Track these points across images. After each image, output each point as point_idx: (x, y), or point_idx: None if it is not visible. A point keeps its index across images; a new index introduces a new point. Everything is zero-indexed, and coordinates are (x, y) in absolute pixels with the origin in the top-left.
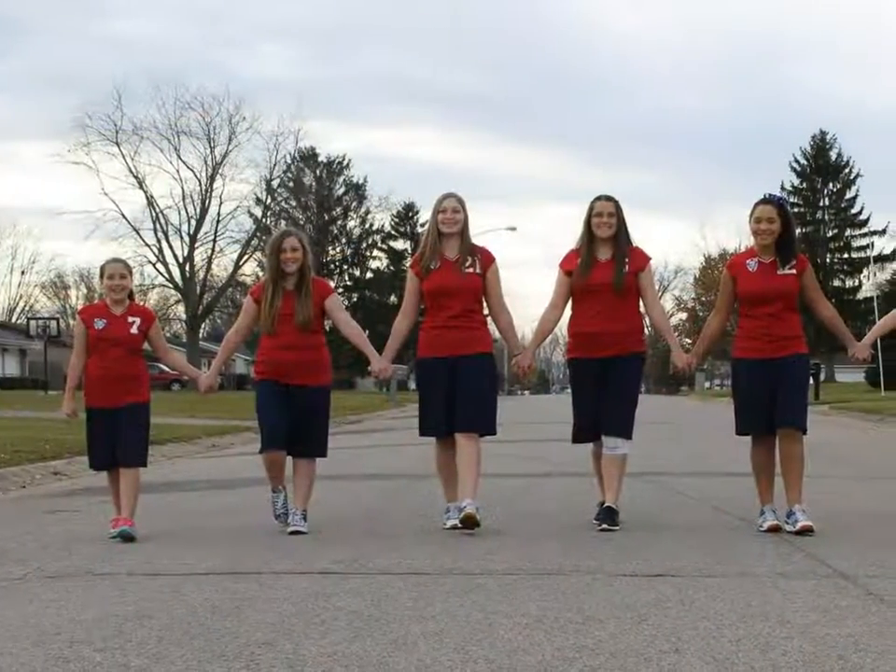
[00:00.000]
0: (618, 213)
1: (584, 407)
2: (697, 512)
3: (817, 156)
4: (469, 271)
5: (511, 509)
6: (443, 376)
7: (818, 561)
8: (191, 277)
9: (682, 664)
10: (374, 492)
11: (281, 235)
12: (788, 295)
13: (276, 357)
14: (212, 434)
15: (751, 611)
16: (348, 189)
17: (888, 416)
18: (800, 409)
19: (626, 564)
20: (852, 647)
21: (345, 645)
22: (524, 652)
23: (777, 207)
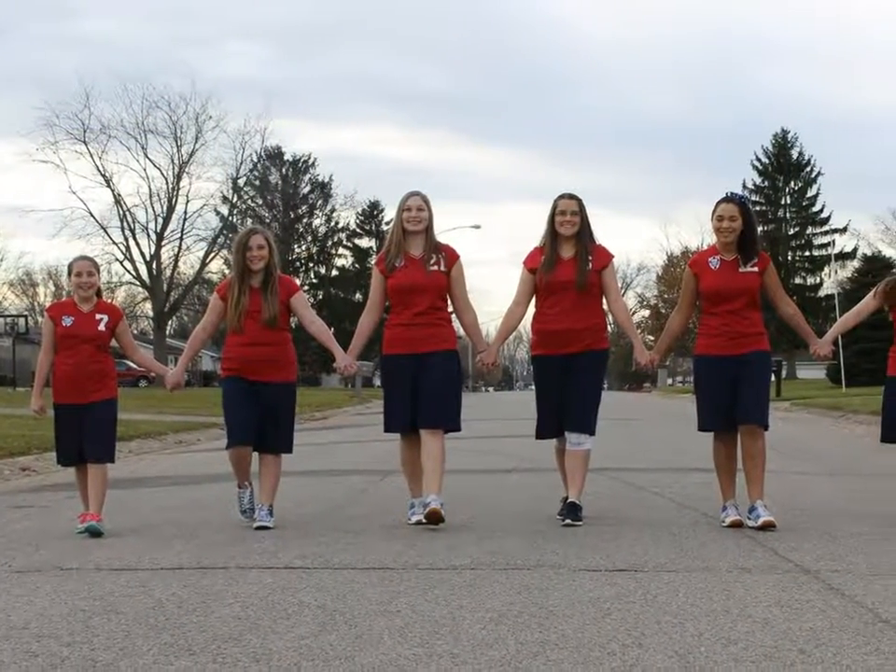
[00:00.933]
0: (581, 211)
1: (548, 403)
2: (660, 508)
3: (778, 154)
4: (434, 268)
5: (475, 504)
6: (408, 373)
7: (779, 556)
8: (158, 275)
9: (645, 657)
10: (339, 488)
11: (247, 233)
12: (749, 292)
13: (242, 354)
14: (179, 430)
15: (713, 606)
16: (314, 188)
17: (849, 413)
18: (761, 405)
19: (589, 559)
20: (813, 641)
21: (311, 639)
22: (488, 647)
23: (738, 205)
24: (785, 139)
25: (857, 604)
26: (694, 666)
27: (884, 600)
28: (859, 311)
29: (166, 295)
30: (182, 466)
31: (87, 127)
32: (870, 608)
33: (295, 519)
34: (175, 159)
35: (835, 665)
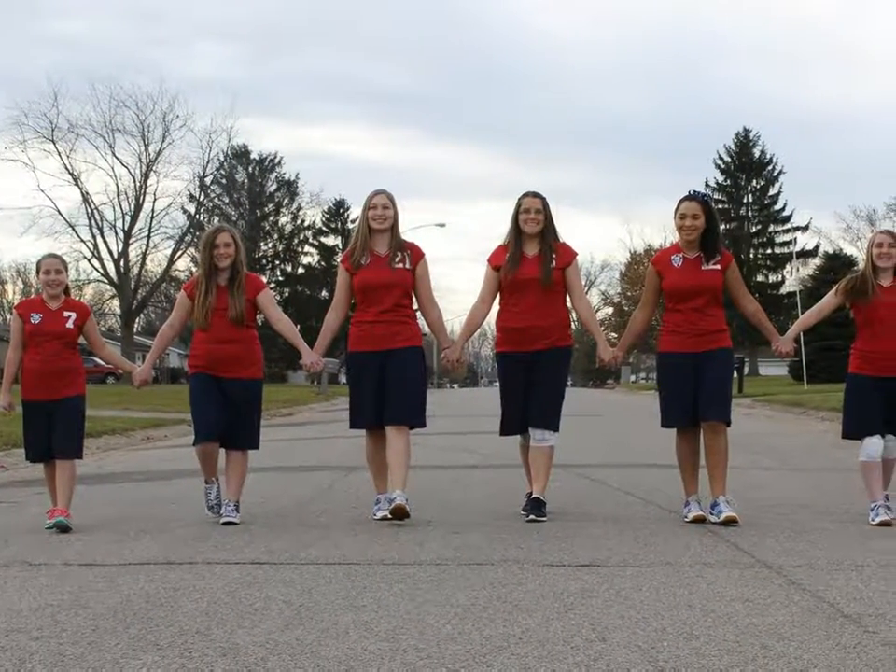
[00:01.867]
0: (545, 209)
1: (512, 400)
2: (623, 503)
3: (741, 153)
4: (399, 266)
5: (440, 500)
6: (374, 370)
7: (741, 551)
8: (126, 273)
9: (608, 652)
10: (305, 483)
11: (214, 231)
12: (712, 290)
13: (209, 351)
14: (146, 426)
15: (676, 601)
16: (280, 186)
17: (810, 409)
18: (724, 402)
19: (553, 554)
20: (775, 635)
21: (277, 633)
22: (452, 641)
23: (701, 204)
24: (747, 138)
25: (819, 599)
26: (657, 661)
27: (845, 595)
28: (820, 308)
29: (134, 293)
30: (150, 462)
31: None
32: (832, 602)
33: (261, 514)
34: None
35: (797, 659)
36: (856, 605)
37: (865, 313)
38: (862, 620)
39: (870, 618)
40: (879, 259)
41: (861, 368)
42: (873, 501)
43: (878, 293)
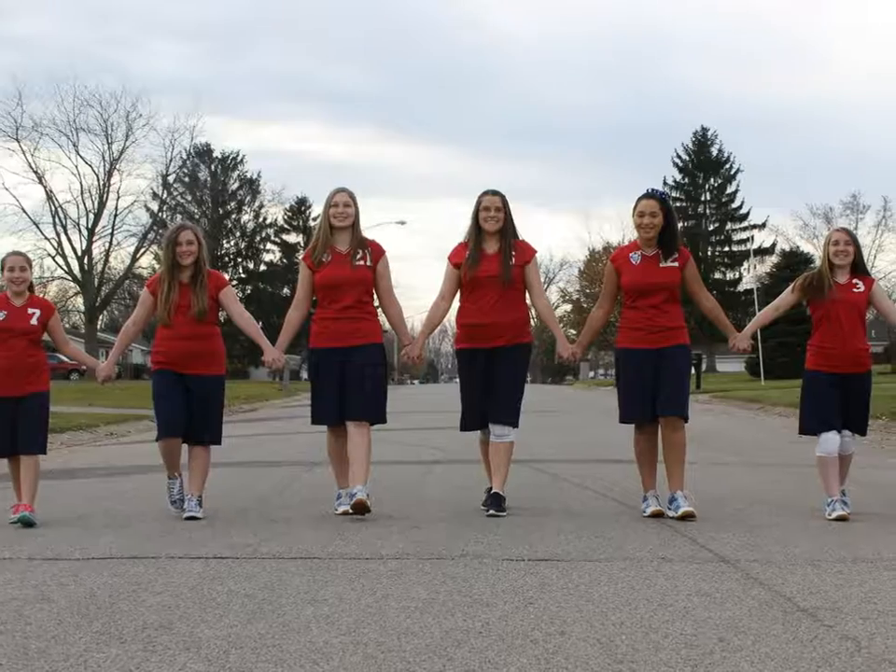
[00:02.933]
0: (505, 207)
1: (472, 396)
2: (582, 499)
3: (698, 152)
4: (360, 263)
5: (400, 495)
6: (335, 366)
7: (699, 546)
8: (90, 270)
9: (567, 645)
10: (268, 479)
11: (177, 229)
12: (670, 287)
13: (172, 348)
14: (110, 422)
15: (634, 595)
16: (242, 184)
17: (767, 405)
18: (682, 398)
19: (513, 549)
20: (732, 629)
21: (240, 627)
22: (413, 635)
23: (659, 202)
24: (705, 137)
25: (775, 593)
26: (616, 654)
27: (802, 589)
28: (777, 305)
29: (97, 290)
30: (113, 457)
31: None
32: (788, 597)
33: (224, 509)
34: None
35: (754, 652)
36: (812, 599)
37: (822, 310)
38: (819, 614)
39: (826, 612)
40: (836, 256)
41: (818, 364)
42: (829, 496)
43: (835, 290)
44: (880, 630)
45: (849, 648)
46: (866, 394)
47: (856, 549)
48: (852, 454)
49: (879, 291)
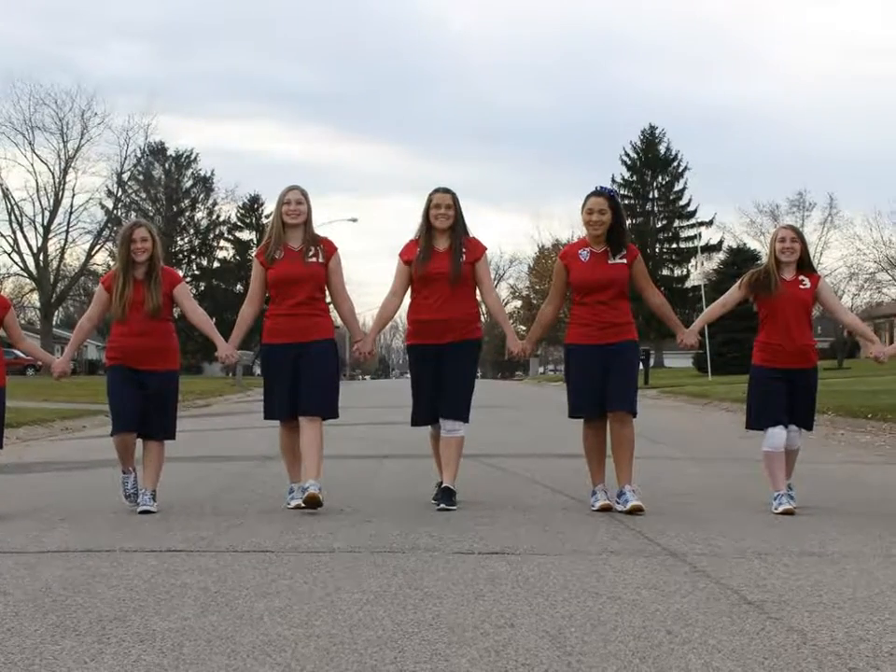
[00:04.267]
0: (455, 204)
1: (423, 391)
2: (532, 493)
3: (646, 150)
4: (313, 260)
5: (352, 489)
6: (287, 362)
7: (647, 539)
8: (45, 267)
9: (517, 637)
10: (221, 473)
11: (131, 226)
12: (619, 283)
13: (127, 344)
14: (65, 417)
15: (583, 588)
16: (196, 182)
17: (714, 400)
18: (630, 393)
19: (463, 542)
20: (680, 621)
21: (193, 620)
22: (364, 627)
23: (608, 199)
24: (653, 135)
25: (723, 586)
26: (565, 647)
27: (748, 582)
28: (724, 302)
29: (53, 286)
30: (68, 452)
31: None
32: (735, 589)
33: (178, 503)
34: (61, 154)
35: (702, 644)
36: (759, 592)
37: (768, 306)
38: (765, 606)
39: (773, 604)
40: (782, 253)
41: (765, 360)
42: (776, 490)
43: (781, 287)
44: (826, 623)
45: (795, 640)
46: (812, 389)
47: (802, 542)
48: (798, 448)
49: (825, 288)
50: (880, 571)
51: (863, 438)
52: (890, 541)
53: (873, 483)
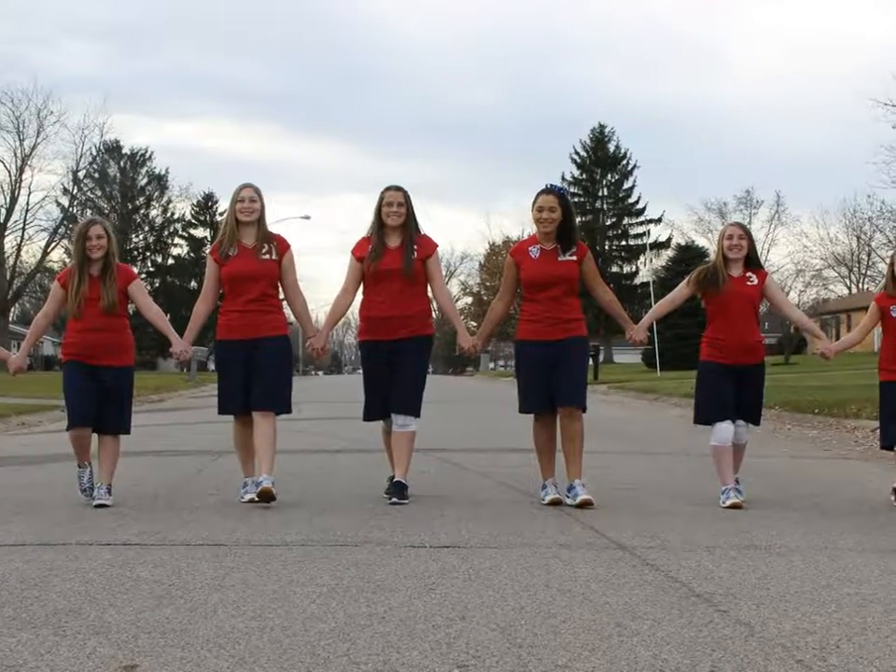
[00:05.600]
0: (407, 202)
1: (375, 387)
2: (483, 487)
3: (596, 148)
4: (266, 257)
5: (305, 483)
6: (241, 358)
7: (596, 533)
8: (1, 264)
9: (468, 630)
10: (175, 467)
11: (87, 224)
12: (568, 280)
13: (82, 339)
14: (21, 412)
15: (533, 581)
16: (151, 180)
17: (663, 395)
18: (579, 388)
19: (415, 535)
20: (629, 614)
21: (148, 613)
22: (318, 620)
23: (557, 197)
24: (602, 133)
25: (671, 579)
26: (516, 639)
27: (697, 575)
28: (673, 298)
29: (9, 283)
30: (25, 447)
31: None
32: (684, 582)
33: (133, 497)
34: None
35: (651, 637)
36: (707, 584)
37: (716, 302)
38: (714, 599)
39: (721, 597)
40: (730, 250)
41: (712, 355)
42: (724, 485)
43: (729, 283)
44: (773, 615)
45: (743, 632)
46: (760, 385)
47: (749, 536)
48: (746, 443)
49: (772, 284)
50: (827, 564)
51: (810, 433)
52: (837, 535)
53: (819, 478)
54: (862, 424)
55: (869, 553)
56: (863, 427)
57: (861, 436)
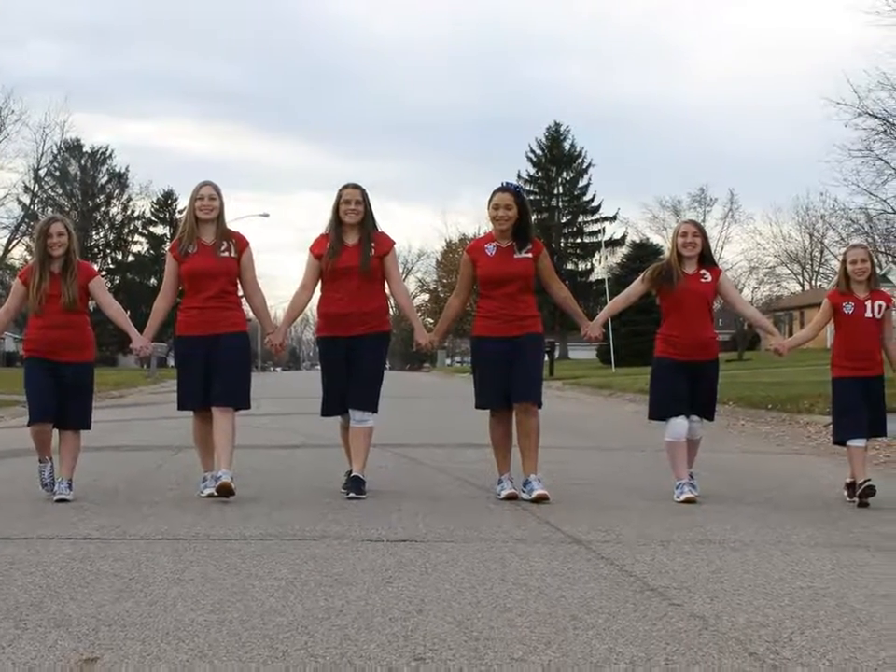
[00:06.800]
0: (364, 200)
1: (333, 382)
2: (439, 482)
3: (552, 146)
4: (225, 254)
5: (264, 478)
6: (201, 354)
7: (552, 527)
8: None
9: (425, 623)
10: (135, 462)
11: (48, 221)
12: (524, 277)
13: (43, 336)
14: None
15: (490, 575)
16: (111, 178)
17: (618, 391)
18: (535, 384)
19: (372, 530)
20: (585, 608)
21: (108, 606)
22: (276, 613)
23: (513, 195)
24: (558, 132)
25: (626, 573)
26: (472, 632)
27: (651, 569)
28: (627, 295)
29: None
30: None
31: None
32: (638, 576)
33: (93, 492)
34: None
35: (606, 630)
36: (661, 578)
37: (670, 299)
38: (668, 593)
39: (675, 590)
40: (684, 247)
41: (667, 351)
42: (678, 479)
43: (683, 280)
44: (726, 609)
45: (697, 625)
46: (713, 381)
47: (703, 530)
48: (700, 438)
49: (726, 281)
50: (779, 558)
51: (763, 428)
52: (790, 529)
53: (772, 473)
54: (815, 419)
55: (822, 547)
56: (816, 422)
57: (813, 431)
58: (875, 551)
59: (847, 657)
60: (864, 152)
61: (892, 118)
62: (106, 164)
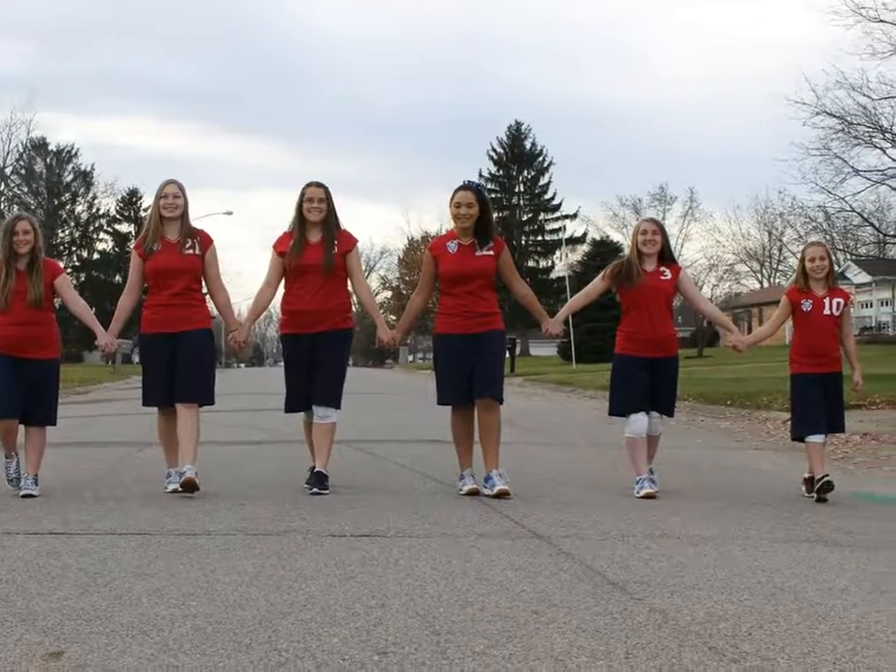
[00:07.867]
0: (328, 198)
1: (296, 379)
2: (401, 477)
3: (513, 145)
4: (189, 252)
5: (228, 474)
6: (165, 350)
7: (514, 522)
8: None
9: (388, 618)
10: (101, 458)
11: (14, 219)
12: (486, 274)
13: (9, 333)
14: None
15: (452, 569)
16: (76, 176)
17: (578, 388)
18: (496, 381)
19: (335, 525)
20: (545, 602)
21: (74, 600)
22: (240, 608)
23: (475, 193)
24: (519, 131)
25: (587, 567)
26: (434, 626)
27: (611, 564)
28: (588, 292)
29: None
30: None
31: None
32: (599, 571)
33: (59, 487)
34: None
35: (566, 624)
36: (622, 573)
37: (630, 296)
38: (628, 587)
39: (635, 585)
40: (644, 245)
41: (627, 348)
42: (638, 475)
43: (643, 278)
44: (686, 603)
45: (657, 619)
46: (673, 377)
47: (663, 525)
48: (660, 434)
49: (686, 279)
50: (739, 553)
51: (722, 424)
52: (749, 524)
53: (731, 468)
54: (774, 415)
55: (780, 542)
56: (775, 418)
57: (772, 427)
58: (833, 545)
59: (805, 651)
60: (822, 151)
61: (850, 116)
62: (72, 163)
